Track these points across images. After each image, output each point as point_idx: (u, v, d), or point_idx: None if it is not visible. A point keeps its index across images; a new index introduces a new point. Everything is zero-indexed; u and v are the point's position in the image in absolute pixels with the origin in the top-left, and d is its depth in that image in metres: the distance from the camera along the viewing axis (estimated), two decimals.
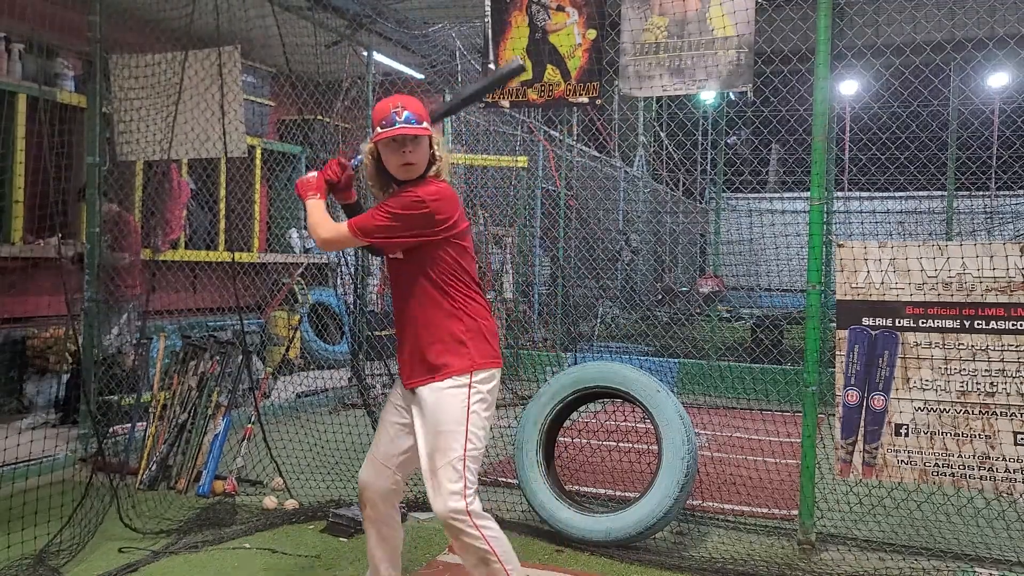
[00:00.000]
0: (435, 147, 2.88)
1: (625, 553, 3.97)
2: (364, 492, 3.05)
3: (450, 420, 2.79)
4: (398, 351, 3.00)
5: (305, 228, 9.19)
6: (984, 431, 3.62)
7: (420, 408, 2.87)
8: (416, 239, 2.81)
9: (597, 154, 12.41)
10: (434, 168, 2.88)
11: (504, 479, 4.95)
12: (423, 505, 4.44)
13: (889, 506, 4.31)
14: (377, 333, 7.54)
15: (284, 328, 8.29)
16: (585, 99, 4.66)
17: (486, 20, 4.86)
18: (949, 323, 3.68)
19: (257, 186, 8.34)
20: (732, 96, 12.09)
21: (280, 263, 8.76)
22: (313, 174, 3.00)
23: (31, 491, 4.50)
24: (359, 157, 2.97)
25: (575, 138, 11.06)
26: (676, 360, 8.21)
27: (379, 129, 2.79)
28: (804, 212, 4.43)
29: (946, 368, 3.68)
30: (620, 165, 12.76)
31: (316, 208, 2.92)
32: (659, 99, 9.83)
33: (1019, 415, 3.57)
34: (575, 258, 10.08)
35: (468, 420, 2.80)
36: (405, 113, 2.77)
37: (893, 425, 3.77)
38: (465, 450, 2.77)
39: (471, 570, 2.82)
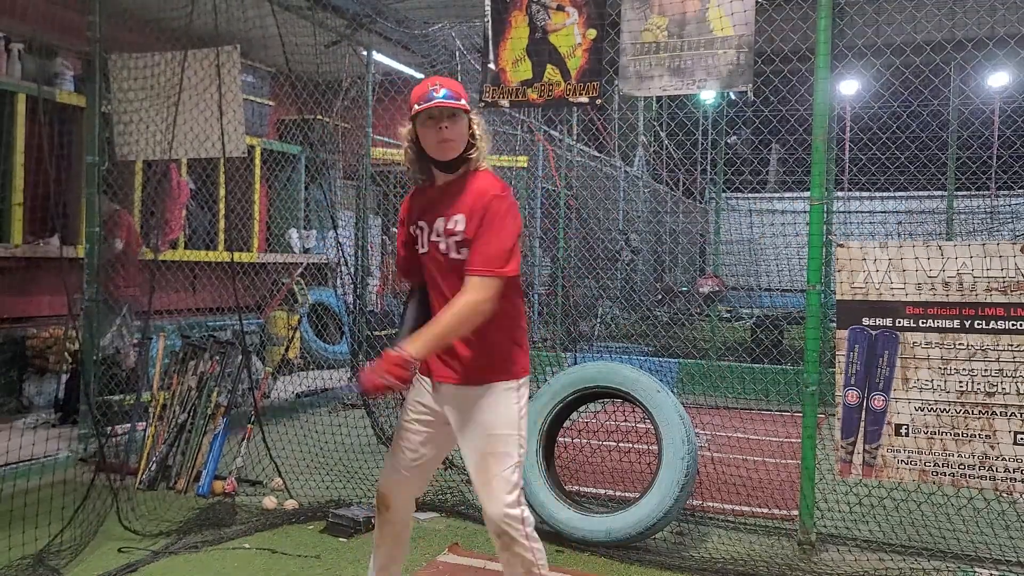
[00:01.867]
0: (474, 127, 2.76)
1: (625, 553, 3.97)
2: (386, 500, 2.90)
3: (506, 424, 2.72)
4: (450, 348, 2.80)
5: (304, 228, 9.19)
6: (984, 431, 3.62)
7: (462, 407, 2.76)
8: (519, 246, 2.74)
9: (597, 154, 12.41)
10: (475, 152, 2.75)
11: None
12: (423, 506, 4.45)
13: (889, 506, 4.30)
14: (377, 333, 7.54)
15: (284, 328, 8.29)
16: (585, 99, 4.65)
17: (486, 20, 4.85)
18: (949, 323, 3.68)
19: (257, 186, 8.34)
20: (732, 96, 12.08)
21: (280, 263, 8.76)
22: (384, 380, 2.52)
23: (31, 491, 4.50)
24: (403, 142, 2.81)
25: (575, 138, 11.06)
26: (676, 360, 8.21)
27: (416, 107, 2.70)
28: (804, 212, 4.43)
29: (946, 368, 3.68)
30: (620, 165, 12.76)
31: (436, 329, 2.63)
32: (659, 99, 9.83)
33: (1019, 415, 3.57)
34: (575, 258, 10.08)
35: (520, 426, 2.76)
36: (443, 90, 2.67)
37: (893, 425, 3.76)
38: (519, 456, 2.73)
39: None
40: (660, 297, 12.37)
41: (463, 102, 2.71)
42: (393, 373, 2.51)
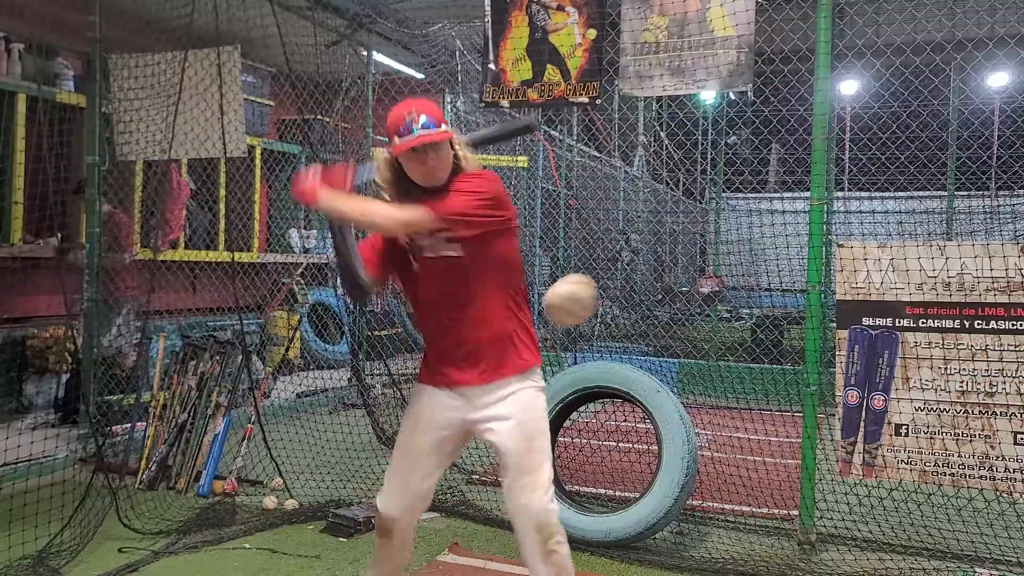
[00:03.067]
0: (456, 147, 2.69)
1: (625, 553, 3.97)
2: (389, 523, 2.82)
3: (539, 420, 2.76)
4: (444, 355, 2.79)
5: (305, 228, 9.19)
6: (984, 431, 3.62)
7: (502, 403, 2.73)
8: (490, 223, 2.66)
9: (597, 154, 12.40)
10: (460, 166, 2.71)
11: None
12: None
13: (889, 506, 4.30)
14: (377, 333, 7.54)
15: (284, 328, 8.29)
16: (585, 99, 4.66)
17: (486, 20, 4.85)
18: (949, 323, 3.68)
19: (257, 186, 8.33)
20: (732, 96, 12.08)
21: (280, 263, 8.76)
22: (313, 171, 2.66)
23: (31, 491, 4.50)
24: (366, 176, 2.75)
25: (575, 138, 11.06)
26: (676, 360, 8.21)
27: (397, 140, 2.62)
28: (804, 212, 4.42)
29: (946, 368, 3.68)
30: (620, 165, 12.75)
31: (351, 198, 2.65)
32: (659, 99, 9.83)
33: (1019, 415, 3.57)
34: (575, 258, 10.07)
35: (546, 421, 2.82)
36: (422, 118, 2.59)
37: (893, 425, 3.76)
38: (549, 448, 2.79)
39: None
40: (660, 297, 12.37)
41: (444, 128, 2.65)
42: (301, 187, 2.60)
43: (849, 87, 12.86)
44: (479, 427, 2.78)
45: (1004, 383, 3.59)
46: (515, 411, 2.72)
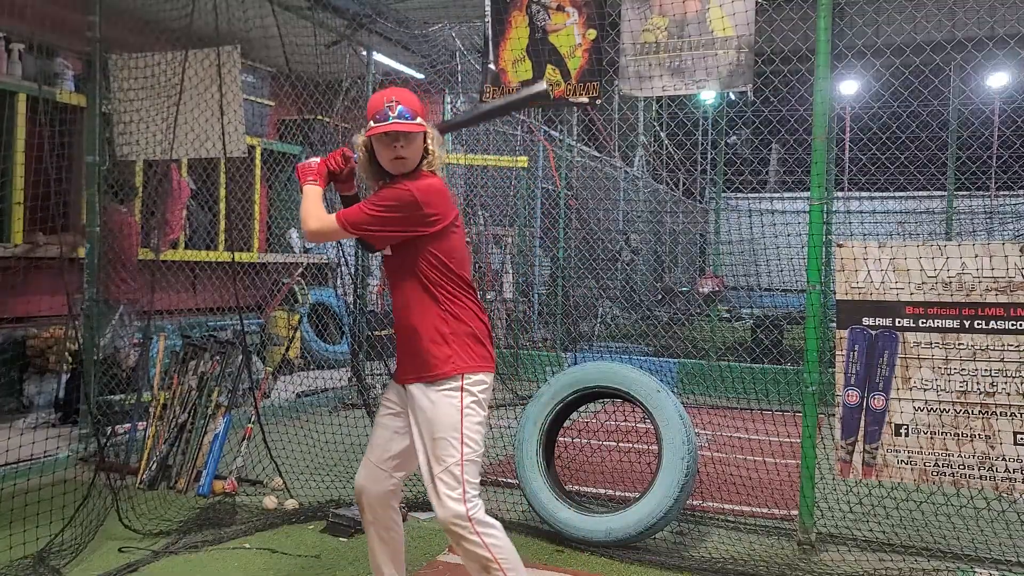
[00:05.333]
0: (428, 142, 2.82)
1: (625, 553, 3.97)
2: (361, 496, 3.00)
3: (446, 426, 2.76)
4: (397, 348, 2.98)
5: None
6: (984, 431, 3.62)
7: (414, 408, 2.85)
8: (405, 233, 2.76)
9: (597, 154, 12.41)
10: (426, 162, 2.82)
11: (504, 479, 4.95)
12: (423, 505, 4.44)
13: (889, 506, 4.31)
14: (377, 333, 7.54)
15: (284, 328, 8.30)
16: (585, 99, 4.66)
17: (486, 20, 4.86)
18: (949, 323, 3.68)
19: (257, 186, 8.34)
20: (732, 96, 12.08)
21: (280, 263, 8.76)
22: (315, 160, 2.95)
23: (32, 491, 4.50)
24: (357, 148, 2.94)
25: (575, 138, 11.06)
26: (676, 360, 8.21)
27: (372, 123, 2.75)
28: (804, 212, 4.43)
29: (946, 368, 3.68)
30: (620, 165, 12.76)
31: (312, 195, 2.87)
32: (659, 99, 9.83)
33: (1019, 415, 3.57)
34: (575, 258, 10.08)
35: (463, 424, 2.77)
36: (399, 107, 2.73)
37: (893, 425, 3.77)
38: (462, 455, 2.74)
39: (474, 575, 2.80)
40: (660, 297, 12.37)
41: (419, 120, 2.76)
42: (303, 166, 2.93)
43: (849, 87, 12.87)
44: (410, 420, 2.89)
45: (1004, 383, 3.59)
46: (423, 419, 2.80)
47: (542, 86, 3.15)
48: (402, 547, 3.12)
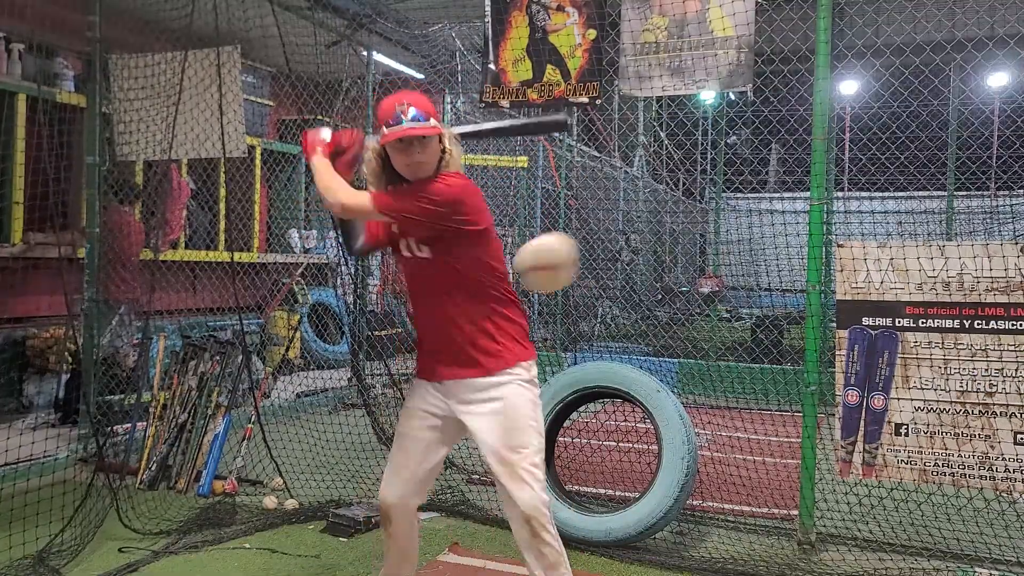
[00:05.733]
0: (445, 142, 2.73)
1: (625, 553, 3.97)
2: (390, 511, 2.86)
3: (525, 414, 2.74)
4: (430, 351, 2.87)
5: (304, 228, 9.19)
6: (984, 431, 3.62)
7: (471, 402, 2.77)
8: (441, 227, 2.68)
9: (597, 154, 12.41)
10: (444, 163, 2.74)
11: None
12: (423, 505, 4.44)
13: (889, 506, 4.31)
14: (377, 333, 7.54)
15: (284, 328, 8.29)
16: (585, 99, 4.66)
17: (486, 20, 4.86)
18: (949, 323, 3.68)
19: (257, 186, 8.34)
20: (732, 96, 12.08)
21: (280, 263, 8.76)
22: (326, 131, 2.83)
23: (32, 491, 4.50)
24: (367, 152, 2.83)
25: (575, 138, 11.05)
26: (676, 360, 8.21)
27: (385, 129, 2.66)
28: (804, 212, 4.43)
29: (946, 368, 3.68)
30: (620, 165, 12.76)
31: (328, 168, 2.74)
32: (659, 99, 9.83)
33: (1019, 415, 3.57)
34: None
35: (536, 414, 2.78)
36: (412, 111, 2.63)
37: (893, 425, 3.77)
38: (538, 444, 2.76)
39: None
40: (660, 297, 12.37)
41: (432, 122, 2.67)
42: (309, 138, 2.84)
43: (849, 87, 12.88)
44: (464, 418, 2.81)
45: (1004, 383, 3.59)
46: (496, 408, 2.74)
47: (562, 117, 3.15)
48: (416, 555, 3.07)
